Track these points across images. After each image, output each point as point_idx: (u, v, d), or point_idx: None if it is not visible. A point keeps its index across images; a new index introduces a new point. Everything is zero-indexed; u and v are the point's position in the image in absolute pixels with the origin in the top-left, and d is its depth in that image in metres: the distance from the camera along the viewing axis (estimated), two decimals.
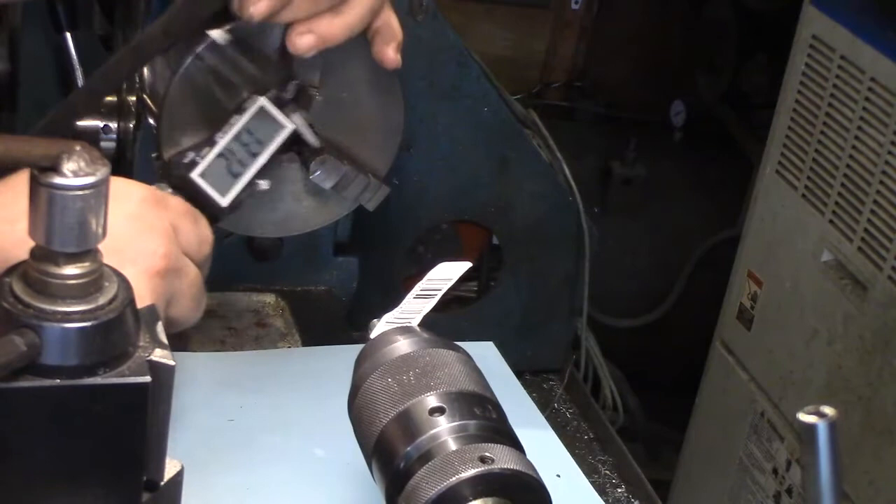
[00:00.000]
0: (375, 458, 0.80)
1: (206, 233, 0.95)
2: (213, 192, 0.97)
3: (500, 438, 0.78)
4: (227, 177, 0.98)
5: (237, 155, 0.99)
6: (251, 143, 0.99)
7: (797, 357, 1.74)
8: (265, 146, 0.99)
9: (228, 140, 0.98)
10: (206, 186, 0.97)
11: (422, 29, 1.34)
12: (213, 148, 0.98)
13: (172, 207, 0.92)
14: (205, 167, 0.97)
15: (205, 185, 0.97)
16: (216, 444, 1.06)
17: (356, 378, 0.84)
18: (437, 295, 0.90)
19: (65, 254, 0.59)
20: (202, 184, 0.97)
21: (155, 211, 0.90)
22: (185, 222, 0.93)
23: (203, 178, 0.97)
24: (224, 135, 0.98)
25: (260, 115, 0.99)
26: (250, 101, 0.99)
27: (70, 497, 0.62)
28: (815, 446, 0.65)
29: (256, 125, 0.99)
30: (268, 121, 0.99)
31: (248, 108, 0.99)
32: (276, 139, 1.00)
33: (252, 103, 0.99)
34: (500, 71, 1.59)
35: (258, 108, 0.98)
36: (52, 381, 0.59)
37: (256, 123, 0.99)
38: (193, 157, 0.97)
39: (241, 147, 0.99)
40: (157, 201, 0.91)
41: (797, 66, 1.76)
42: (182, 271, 0.90)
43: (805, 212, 1.73)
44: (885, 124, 1.57)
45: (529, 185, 1.48)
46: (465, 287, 1.54)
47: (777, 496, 1.76)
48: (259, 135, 0.99)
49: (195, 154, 0.97)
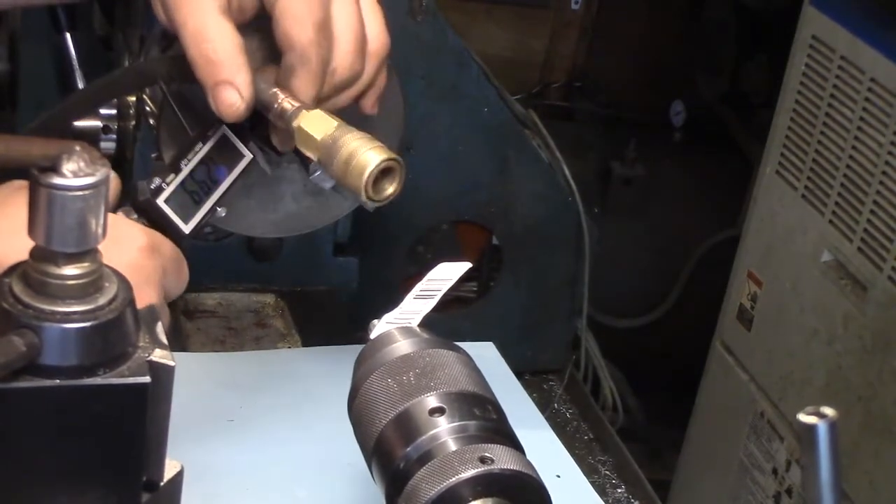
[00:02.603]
0: (375, 459, 0.80)
1: (185, 276, 0.96)
2: (177, 219, 0.97)
3: (500, 439, 0.78)
4: (190, 204, 0.98)
5: (199, 182, 0.99)
6: (213, 170, 0.99)
7: (797, 357, 1.74)
8: (226, 174, 1.00)
9: (192, 167, 0.98)
10: (171, 213, 0.97)
11: (422, 29, 1.34)
12: (178, 175, 0.98)
13: (164, 254, 0.92)
14: (169, 193, 0.97)
15: (169, 211, 0.97)
16: (216, 444, 1.06)
17: (356, 378, 0.84)
18: (437, 295, 0.90)
19: (64, 254, 0.59)
20: (167, 210, 0.97)
21: (151, 261, 0.90)
22: (172, 267, 0.93)
23: (167, 205, 0.97)
24: (188, 162, 0.98)
25: (222, 142, 0.99)
26: (213, 129, 0.99)
27: (70, 497, 0.62)
28: (815, 447, 0.65)
29: (218, 153, 0.99)
30: (229, 149, 0.99)
31: (211, 136, 0.99)
32: (237, 168, 1.00)
33: (215, 131, 0.99)
34: (500, 71, 1.59)
35: (220, 136, 0.99)
36: (52, 382, 0.59)
37: (218, 151, 0.99)
38: (160, 183, 0.97)
39: (205, 174, 0.99)
40: (152, 249, 0.91)
41: (797, 66, 1.76)
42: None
43: (805, 212, 1.73)
44: (885, 124, 1.57)
45: (529, 185, 1.48)
46: (465, 287, 1.54)
47: (777, 496, 1.76)
48: (221, 162, 0.99)
49: (161, 180, 0.97)
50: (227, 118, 0.91)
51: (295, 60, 0.92)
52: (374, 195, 0.89)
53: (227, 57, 0.89)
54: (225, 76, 0.89)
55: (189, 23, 0.89)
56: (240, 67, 0.89)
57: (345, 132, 0.90)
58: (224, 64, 0.89)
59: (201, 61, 0.89)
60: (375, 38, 0.98)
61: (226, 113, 0.90)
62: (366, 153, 0.88)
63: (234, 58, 0.89)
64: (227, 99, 0.90)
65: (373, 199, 0.89)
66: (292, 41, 0.91)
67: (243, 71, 0.90)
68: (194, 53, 0.89)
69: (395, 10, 1.29)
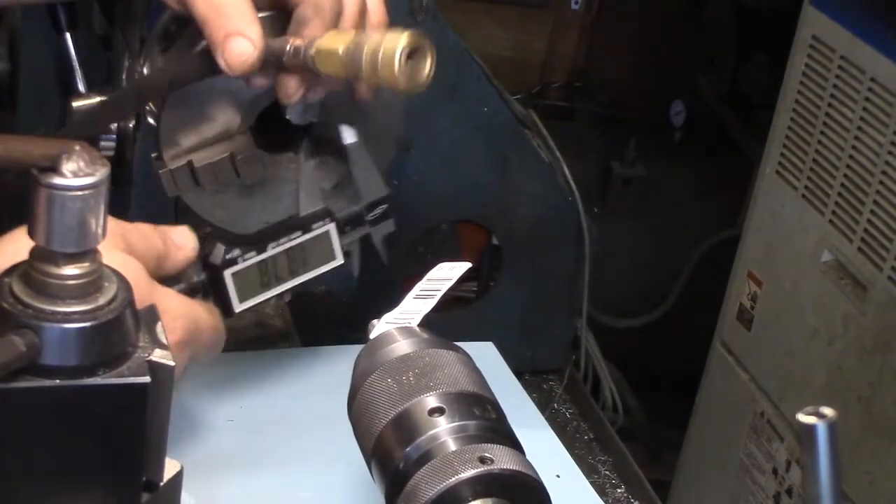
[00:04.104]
0: (375, 459, 0.80)
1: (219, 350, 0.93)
2: (234, 297, 0.95)
3: (500, 439, 0.78)
4: (256, 285, 0.95)
5: (278, 267, 0.96)
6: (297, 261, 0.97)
7: (797, 357, 1.74)
8: (309, 270, 0.97)
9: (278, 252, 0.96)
10: (231, 289, 0.94)
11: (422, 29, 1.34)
12: (260, 255, 0.95)
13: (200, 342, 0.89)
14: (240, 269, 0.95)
15: (231, 287, 0.94)
16: (216, 444, 1.06)
17: (356, 378, 0.84)
18: (437, 295, 0.90)
19: (64, 254, 0.59)
20: (229, 284, 0.94)
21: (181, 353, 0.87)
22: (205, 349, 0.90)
23: (233, 279, 0.94)
24: (277, 245, 0.96)
25: (321, 238, 0.97)
26: (319, 223, 0.97)
27: (69, 497, 0.62)
28: (814, 447, 0.65)
29: (312, 246, 0.97)
30: (325, 247, 0.97)
31: (314, 230, 0.97)
32: (323, 268, 0.98)
33: (320, 226, 0.97)
34: (500, 71, 1.59)
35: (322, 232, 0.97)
36: (52, 382, 0.59)
37: (313, 245, 0.97)
38: (238, 255, 0.94)
39: (286, 262, 0.97)
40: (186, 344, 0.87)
41: (797, 66, 1.75)
42: None
43: (805, 212, 1.73)
44: (885, 124, 1.57)
45: (529, 185, 1.48)
46: (465, 287, 1.54)
47: (777, 496, 1.76)
48: (309, 256, 0.97)
49: (240, 253, 0.95)
50: (237, 70, 0.89)
51: (309, 11, 0.91)
52: (413, 79, 0.86)
53: (237, 9, 0.89)
54: (235, 27, 0.88)
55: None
56: (251, 19, 0.89)
57: (364, 36, 0.88)
58: (234, 16, 0.89)
59: (211, 15, 0.89)
60: (375, 11, 0.98)
61: (236, 64, 0.89)
62: (389, 39, 0.86)
63: (244, 10, 0.89)
64: (238, 48, 0.88)
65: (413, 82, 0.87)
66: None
67: (255, 22, 0.89)
68: (204, 9, 0.89)
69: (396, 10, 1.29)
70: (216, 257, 0.94)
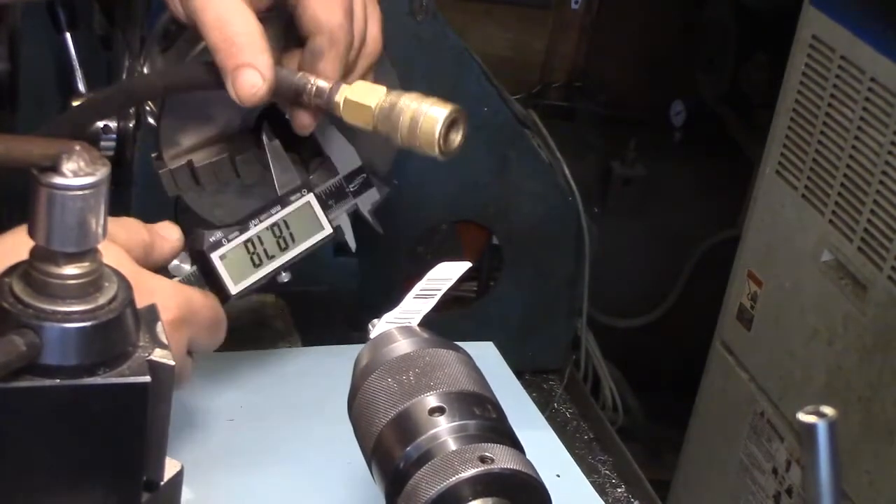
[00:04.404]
0: (375, 459, 0.80)
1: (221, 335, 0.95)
2: (227, 279, 0.95)
3: (500, 438, 0.78)
4: (247, 265, 0.96)
5: (265, 245, 0.97)
6: (284, 237, 0.98)
7: (797, 357, 1.74)
8: (298, 244, 0.98)
9: (261, 229, 0.97)
10: (222, 271, 0.95)
11: (422, 29, 1.34)
12: (243, 234, 0.95)
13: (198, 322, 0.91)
14: (226, 251, 0.95)
15: (221, 269, 0.95)
16: (216, 444, 1.06)
17: (356, 378, 0.84)
18: (437, 295, 0.90)
19: (65, 254, 0.60)
20: (219, 267, 0.95)
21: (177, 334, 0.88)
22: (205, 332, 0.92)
23: (222, 262, 0.95)
24: (259, 223, 0.96)
25: (303, 210, 0.97)
26: (296, 196, 0.97)
27: (70, 497, 0.62)
28: (814, 446, 0.65)
29: (295, 219, 0.97)
30: (309, 219, 0.98)
31: (293, 203, 0.97)
32: (312, 240, 0.98)
33: (298, 198, 0.97)
34: (500, 71, 1.59)
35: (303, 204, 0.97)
36: (52, 381, 0.59)
37: (296, 218, 0.97)
38: (220, 238, 0.95)
39: (273, 238, 0.97)
40: (182, 322, 0.89)
41: (797, 66, 1.75)
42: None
43: (805, 212, 1.73)
44: (885, 124, 1.57)
45: (529, 185, 1.48)
46: (465, 287, 1.54)
47: (777, 496, 1.76)
48: (294, 230, 0.98)
49: (223, 235, 0.95)
50: (247, 101, 0.89)
51: (324, 43, 0.92)
52: (446, 149, 0.90)
53: (248, 40, 0.89)
54: (246, 58, 0.88)
55: (209, 9, 0.89)
56: (262, 49, 0.89)
57: (397, 96, 0.90)
58: (245, 46, 0.88)
59: (223, 45, 0.89)
60: (373, 40, 0.98)
61: (246, 96, 0.89)
62: (430, 111, 0.89)
63: (255, 41, 0.89)
64: (248, 81, 0.88)
65: (445, 151, 0.90)
66: (321, 24, 0.91)
67: (265, 53, 0.89)
68: (216, 38, 0.89)
69: (395, 10, 1.29)
70: (200, 243, 0.95)
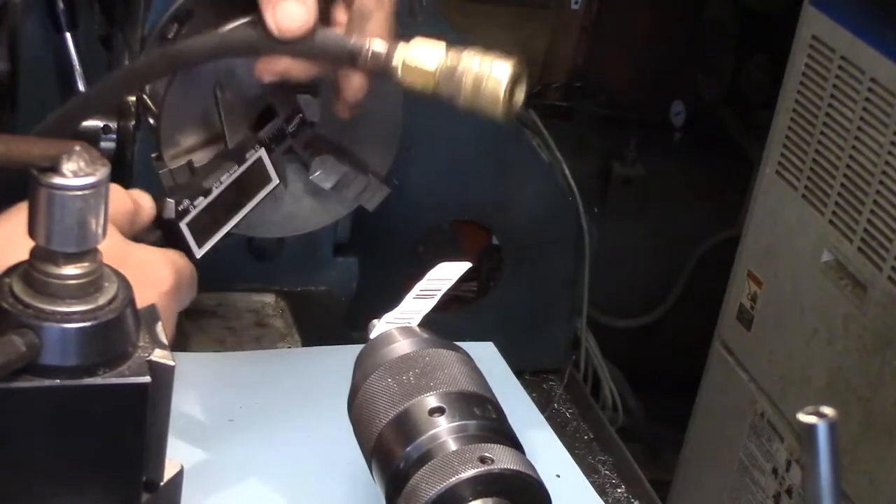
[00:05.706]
0: (375, 459, 0.80)
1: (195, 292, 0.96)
2: (193, 244, 0.96)
3: (500, 438, 0.78)
4: (208, 227, 0.96)
5: (225, 204, 0.97)
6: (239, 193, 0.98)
7: (797, 357, 1.74)
8: (251, 198, 0.98)
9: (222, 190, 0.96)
10: (189, 237, 0.96)
11: (422, 29, 1.34)
12: (207, 198, 0.96)
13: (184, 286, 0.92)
14: (193, 216, 0.95)
15: (188, 235, 0.95)
16: (216, 444, 1.06)
17: (356, 378, 0.84)
18: (437, 295, 0.90)
19: (65, 254, 0.59)
20: (186, 234, 0.95)
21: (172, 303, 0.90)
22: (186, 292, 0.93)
23: (188, 228, 0.95)
24: (220, 185, 0.96)
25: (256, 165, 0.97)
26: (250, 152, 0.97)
27: (69, 497, 0.62)
28: (814, 446, 0.65)
29: (249, 175, 0.97)
30: (260, 172, 0.98)
31: (248, 160, 0.97)
32: (263, 192, 0.98)
33: (252, 154, 0.97)
34: None
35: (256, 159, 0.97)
36: (52, 382, 0.59)
37: (249, 173, 0.97)
38: (187, 205, 0.95)
39: (230, 196, 0.97)
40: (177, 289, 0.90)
41: (797, 66, 1.75)
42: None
43: (805, 212, 1.73)
44: (885, 124, 1.57)
45: (529, 185, 1.48)
46: (465, 287, 1.54)
47: (777, 496, 1.76)
48: (248, 185, 0.98)
49: (189, 202, 0.95)
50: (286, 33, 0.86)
51: (371, 5, 0.91)
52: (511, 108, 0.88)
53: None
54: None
55: None
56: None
57: (457, 55, 0.88)
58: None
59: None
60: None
61: (286, 26, 0.86)
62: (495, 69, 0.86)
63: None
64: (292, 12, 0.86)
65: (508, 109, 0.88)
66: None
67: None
68: None
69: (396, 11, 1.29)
70: (169, 212, 0.95)
